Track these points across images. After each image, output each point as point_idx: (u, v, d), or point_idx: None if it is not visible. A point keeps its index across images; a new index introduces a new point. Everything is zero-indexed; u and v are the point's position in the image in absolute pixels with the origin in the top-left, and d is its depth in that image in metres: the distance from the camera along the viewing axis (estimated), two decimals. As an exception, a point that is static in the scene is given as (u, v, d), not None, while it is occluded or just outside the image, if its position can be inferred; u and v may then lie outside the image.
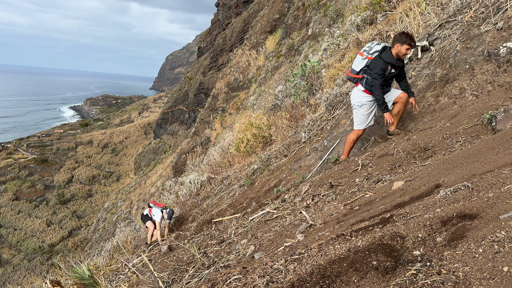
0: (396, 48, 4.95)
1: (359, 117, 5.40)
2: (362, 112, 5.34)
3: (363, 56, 5.17)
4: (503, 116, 3.84)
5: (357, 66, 5.29)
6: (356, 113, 5.42)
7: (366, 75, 5.21)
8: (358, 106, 5.35)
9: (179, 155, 34.63)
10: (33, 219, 56.41)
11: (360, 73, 5.28)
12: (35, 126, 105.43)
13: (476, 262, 1.69)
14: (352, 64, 5.49)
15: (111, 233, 30.94)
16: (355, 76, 5.34)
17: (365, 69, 5.21)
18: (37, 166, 70.61)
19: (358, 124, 5.43)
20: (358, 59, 5.27)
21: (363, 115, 5.36)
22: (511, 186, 2.22)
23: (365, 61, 5.17)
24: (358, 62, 5.27)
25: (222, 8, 55.86)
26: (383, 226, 2.47)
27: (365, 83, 5.24)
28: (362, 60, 5.20)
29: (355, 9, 10.31)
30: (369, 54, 5.11)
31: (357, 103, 5.35)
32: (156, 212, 8.98)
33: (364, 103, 5.30)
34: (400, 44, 4.92)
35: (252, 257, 3.64)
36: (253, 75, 28.56)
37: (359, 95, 5.34)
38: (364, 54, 5.16)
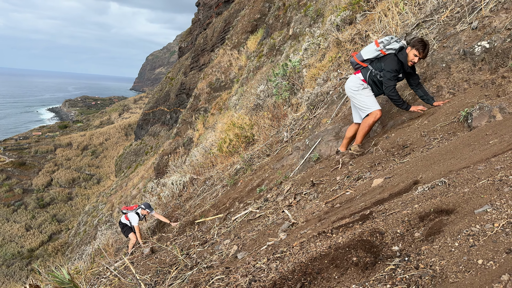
0: (407, 50, 4.65)
1: (363, 101, 4.88)
2: (364, 94, 4.87)
3: (378, 47, 4.75)
4: (478, 113, 3.94)
5: (366, 53, 4.87)
6: (358, 99, 4.91)
7: (372, 68, 4.85)
8: (358, 90, 4.90)
9: (161, 156, 34.33)
10: (12, 224, 55.06)
11: (366, 62, 4.90)
12: (14, 129, 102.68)
13: (452, 255, 1.73)
14: (362, 49, 5.06)
15: (92, 237, 30.45)
16: (359, 63, 4.94)
17: (373, 61, 4.86)
18: (14, 169, 68.93)
19: (365, 109, 4.88)
20: (371, 48, 4.83)
21: (366, 97, 4.87)
22: (485, 181, 2.28)
23: (377, 53, 4.78)
24: (369, 50, 4.84)
25: (202, 8, 55.62)
26: (363, 223, 2.50)
27: (368, 75, 4.87)
28: (375, 50, 4.78)
29: (335, 9, 10.41)
30: (385, 49, 4.71)
31: (356, 88, 4.92)
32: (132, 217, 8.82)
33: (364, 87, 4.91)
34: (410, 48, 4.60)
35: (235, 257, 3.64)
36: (235, 75, 28.54)
37: (355, 81, 4.95)
38: (380, 45, 4.73)
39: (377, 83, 4.87)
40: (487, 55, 4.67)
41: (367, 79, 4.88)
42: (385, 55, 4.75)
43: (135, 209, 8.90)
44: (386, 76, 4.65)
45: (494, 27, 4.84)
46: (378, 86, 4.89)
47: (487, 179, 2.29)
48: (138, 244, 8.33)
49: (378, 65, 4.80)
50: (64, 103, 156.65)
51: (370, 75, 4.85)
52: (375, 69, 4.82)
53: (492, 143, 3.18)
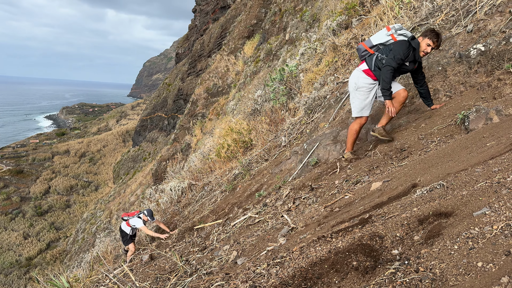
0: (418, 40, 4.44)
1: (355, 103, 4.74)
2: (358, 96, 4.69)
3: (388, 32, 4.50)
4: (475, 116, 3.96)
5: (376, 39, 4.61)
6: (352, 97, 4.78)
7: (379, 53, 4.57)
8: (354, 89, 4.71)
9: (159, 162, 34.28)
10: (9, 232, 54.75)
11: (374, 48, 4.64)
12: (12, 138, 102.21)
13: (452, 258, 1.73)
14: (372, 36, 4.83)
15: (91, 244, 30.30)
16: (367, 49, 4.67)
17: (382, 47, 4.59)
18: (12, 177, 68.66)
19: (354, 111, 4.77)
20: (381, 33, 4.59)
21: (359, 100, 4.70)
22: (483, 183, 2.29)
23: (387, 38, 4.52)
24: (380, 36, 4.59)
25: (199, 14, 55.82)
26: (362, 227, 2.51)
27: (374, 61, 4.59)
28: (385, 35, 4.53)
29: (331, 14, 10.47)
30: (396, 34, 4.46)
31: (354, 85, 4.72)
32: (135, 221, 8.74)
33: (361, 85, 4.67)
34: (422, 37, 4.42)
35: (234, 263, 3.63)
36: (232, 80, 28.59)
37: (356, 77, 4.72)
38: (391, 30, 4.49)
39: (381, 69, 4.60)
40: (482, 58, 4.70)
41: (372, 66, 4.59)
42: (395, 41, 4.48)
43: (136, 215, 8.82)
44: (390, 56, 4.39)
45: (489, 30, 4.88)
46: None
47: (485, 182, 2.29)
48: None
49: (385, 50, 4.54)
50: (61, 110, 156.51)
51: (376, 60, 4.58)
52: (382, 53, 4.55)
53: (489, 146, 3.19)
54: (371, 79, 4.63)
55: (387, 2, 7.56)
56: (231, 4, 43.71)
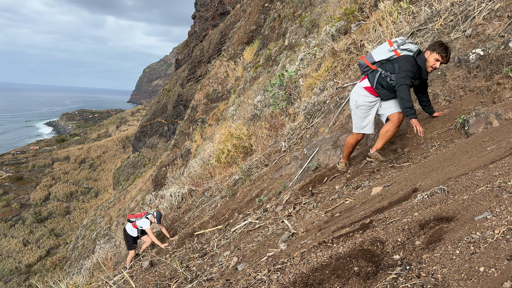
0: (425, 55, 4.18)
1: (355, 119, 4.64)
2: (359, 114, 4.56)
3: (391, 47, 4.25)
4: (475, 120, 3.96)
5: (378, 55, 4.36)
6: (353, 114, 4.65)
7: (382, 70, 4.34)
8: (355, 106, 4.57)
9: (159, 168, 34.26)
10: (9, 239, 54.57)
11: (376, 64, 4.41)
12: (13, 145, 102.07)
13: (453, 263, 1.72)
14: (372, 50, 4.67)
15: (91, 251, 30.20)
16: (369, 65, 4.44)
17: (384, 63, 4.36)
18: (12, 184, 68.57)
19: (354, 127, 4.68)
20: (383, 48, 4.33)
21: (360, 118, 4.58)
22: (484, 188, 2.28)
23: (390, 54, 4.27)
24: (381, 51, 4.34)
25: (199, 20, 56.05)
26: (363, 232, 2.50)
27: (376, 78, 4.38)
28: (387, 51, 4.28)
29: (330, 20, 10.51)
30: (399, 49, 4.22)
31: (354, 103, 4.57)
32: (142, 222, 8.63)
33: (361, 104, 4.49)
34: (430, 52, 4.15)
35: (235, 269, 3.61)
36: (232, 86, 28.65)
37: (357, 94, 4.54)
38: (394, 45, 4.24)
39: (385, 87, 4.39)
40: (481, 62, 4.71)
41: (374, 84, 4.39)
42: (399, 57, 4.24)
43: (144, 216, 8.71)
44: (401, 74, 4.11)
45: (487, 35, 4.90)
46: (387, 89, 4.40)
47: (486, 186, 2.29)
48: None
49: (389, 67, 4.31)
50: (61, 117, 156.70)
51: (379, 77, 4.36)
52: (385, 70, 4.33)
53: (489, 150, 3.19)
54: (372, 96, 4.45)
55: (386, 8, 7.59)
56: (231, 10, 43.92)
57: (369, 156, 4.70)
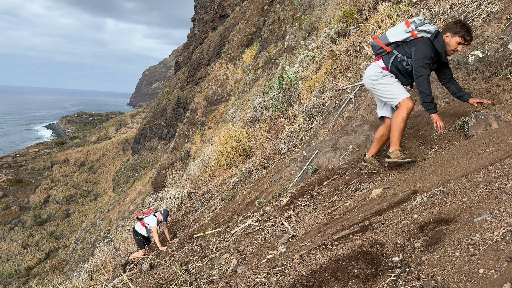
0: (445, 38, 3.80)
1: (388, 90, 3.99)
2: (387, 82, 4.00)
3: (408, 28, 3.87)
4: (474, 122, 3.96)
5: (393, 35, 3.99)
6: (381, 89, 4.04)
7: (398, 53, 3.99)
8: (379, 78, 4.04)
9: (159, 170, 34.24)
10: (8, 242, 54.45)
11: (391, 46, 4.03)
12: (13, 148, 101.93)
13: (453, 265, 1.72)
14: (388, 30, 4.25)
15: (90, 253, 30.15)
16: (383, 46, 4.06)
17: (401, 44, 3.99)
18: (11, 187, 68.48)
19: (395, 97, 3.95)
20: (399, 28, 3.95)
21: (390, 85, 3.98)
22: (484, 189, 2.28)
23: (406, 35, 3.90)
24: (397, 31, 3.96)
25: (198, 23, 56.16)
26: (362, 234, 2.49)
27: (391, 61, 4.02)
28: (404, 31, 3.90)
29: (329, 22, 10.53)
30: (416, 30, 3.84)
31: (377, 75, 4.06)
32: (150, 219, 8.54)
33: (386, 73, 4.05)
34: (451, 35, 3.78)
35: (234, 271, 3.60)
36: (232, 88, 28.68)
37: (375, 69, 4.11)
38: (411, 25, 3.85)
39: (402, 71, 4.02)
40: (481, 64, 4.72)
41: (389, 67, 4.04)
42: (416, 38, 3.88)
43: (152, 213, 8.63)
44: (419, 63, 3.77)
45: (486, 37, 4.91)
46: (404, 75, 4.03)
47: (485, 188, 2.29)
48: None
49: (405, 50, 3.95)
50: (61, 120, 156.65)
51: (394, 61, 4.00)
52: (402, 54, 3.97)
53: (489, 151, 3.19)
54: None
55: (385, 10, 7.61)
56: (230, 13, 44.00)
57: (364, 161, 4.48)
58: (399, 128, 3.92)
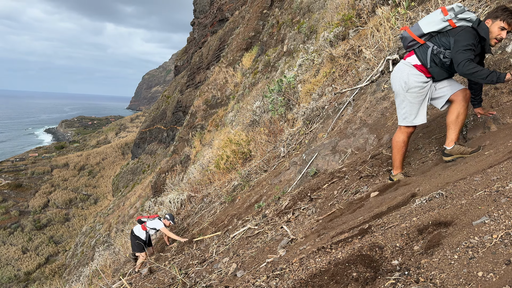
0: (486, 23, 3.34)
1: (404, 107, 3.65)
2: (410, 99, 3.58)
3: (445, 16, 3.38)
4: (473, 125, 3.97)
5: (428, 25, 3.49)
6: (401, 101, 3.67)
7: (433, 44, 3.49)
8: (403, 90, 3.61)
9: (158, 174, 34.23)
10: (8, 246, 54.33)
11: (424, 37, 3.54)
12: (12, 152, 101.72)
13: (452, 268, 1.72)
14: (419, 20, 3.76)
15: (90, 258, 30.07)
16: (415, 38, 3.58)
17: (435, 35, 3.50)
18: (11, 191, 68.40)
19: (403, 118, 3.66)
20: (435, 17, 3.46)
21: (411, 104, 3.59)
22: (482, 192, 2.28)
23: (443, 25, 3.40)
24: (433, 20, 3.47)
25: (197, 27, 56.30)
26: (362, 237, 2.49)
27: (429, 55, 3.52)
28: (440, 20, 3.41)
29: (328, 26, 10.56)
30: (456, 19, 3.35)
31: (403, 85, 3.61)
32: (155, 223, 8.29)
33: (413, 85, 3.56)
34: (491, 20, 3.32)
35: (234, 275, 3.60)
36: (231, 92, 28.72)
37: (406, 74, 3.60)
38: (449, 13, 3.36)
39: (438, 65, 3.53)
40: (479, 67, 4.72)
41: (428, 62, 3.53)
42: (454, 28, 3.38)
43: (157, 218, 8.41)
44: (459, 49, 3.27)
45: (484, 40, 4.92)
46: (441, 67, 3.54)
47: (484, 190, 2.29)
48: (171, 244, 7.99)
49: (442, 41, 3.46)
50: (60, 124, 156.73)
51: (432, 54, 3.51)
52: (438, 45, 3.48)
53: (487, 154, 3.20)
54: (424, 76, 3.57)
55: (384, 13, 7.64)
56: (229, 17, 44.14)
57: (448, 154, 3.63)
58: (400, 150, 3.75)
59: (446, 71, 3.57)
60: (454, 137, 3.56)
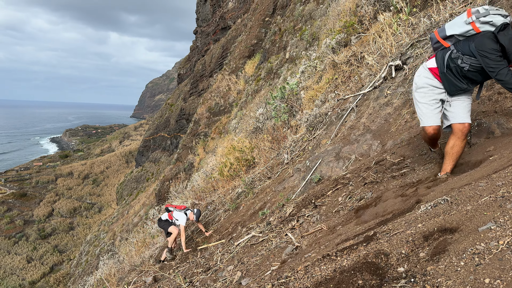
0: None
1: (417, 108, 3.61)
2: (418, 98, 3.54)
3: (468, 19, 3.20)
4: (477, 129, 3.96)
5: (451, 27, 3.34)
6: (414, 102, 3.65)
7: (455, 49, 3.32)
8: (414, 90, 3.61)
9: (162, 182, 34.24)
10: (13, 256, 54.38)
11: (449, 39, 3.38)
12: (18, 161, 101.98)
13: (458, 275, 1.70)
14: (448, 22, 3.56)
15: (94, 267, 30.04)
16: (439, 40, 3.45)
17: (461, 39, 3.31)
18: (15, 201, 68.61)
19: (420, 118, 3.60)
20: (459, 19, 3.29)
21: (420, 104, 3.53)
22: (488, 198, 2.27)
23: (466, 28, 3.22)
24: (456, 22, 3.32)
25: (200, 35, 56.63)
26: (367, 244, 2.48)
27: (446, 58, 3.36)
28: (464, 23, 3.24)
29: (330, 32, 10.60)
30: (478, 22, 3.14)
31: (413, 86, 3.62)
32: (180, 216, 8.11)
33: (420, 85, 3.52)
34: None
35: (239, 284, 3.58)
36: (234, 99, 28.79)
37: (418, 75, 3.59)
38: (473, 16, 3.17)
39: (456, 72, 3.33)
40: (482, 72, 4.72)
41: (444, 66, 3.38)
42: (477, 33, 3.18)
43: (184, 210, 8.24)
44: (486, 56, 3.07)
45: (487, 45, 4.91)
46: (459, 76, 3.34)
47: (489, 196, 2.28)
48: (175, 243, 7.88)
49: (464, 46, 3.26)
50: (64, 133, 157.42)
51: (449, 58, 3.34)
52: (458, 50, 3.29)
53: (492, 159, 3.18)
54: (437, 81, 3.46)
55: (385, 20, 7.66)
56: (232, 25, 44.38)
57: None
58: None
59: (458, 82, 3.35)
60: (449, 169, 3.50)
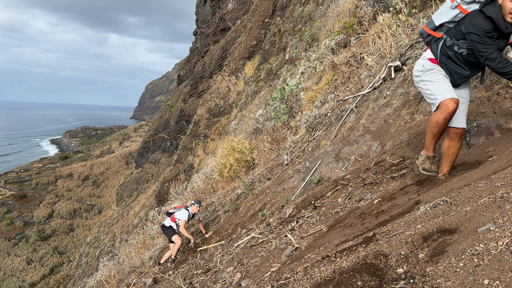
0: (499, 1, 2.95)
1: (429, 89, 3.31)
2: (430, 78, 3.32)
3: (452, 3, 3.14)
4: (476, 130, 3.96)
5: (439, 16, 3.29)
6: (423, 86, 3.39)
7: (447, 36, 3.25)
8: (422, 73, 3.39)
9: (162, 183, 34.23)
10: (12, 257, 54.30)
11: (439, 29, 3.32)
12: (17, 163, 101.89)
13: (457, 276, 1.70)
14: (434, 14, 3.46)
15: (94, 268, 30.00)
16: (431, 33, 3.39)
17: (450, 26, 3.26)
18: (15, 202, 68.54)
19: (431, 98, 3.30)
20: (446, 6, 3.23)
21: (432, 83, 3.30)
22: (487, 199, 2.27)
23: (454, 12, 3.16)
24: (443, 10, 3.26)
25: (200, 37, 56.66)
26: (366, 245, 2.48)
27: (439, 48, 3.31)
28: (449, 8, 3.19)
29: (329, 33, 10.60)
30: (465, 4, 3.08)
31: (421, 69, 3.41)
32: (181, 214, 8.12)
33: (429, 67, 3.34)
34: None
35: (239, 285, 3.58)
36: (234, 100, 28.80)
37: (422, 63, 3.44)
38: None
39: (455, 59, 3.24)
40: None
41: (438, 55, 3.32)
42: (466, 15, 3.11)
43: (184, 207, 8.28)
44: (474, 40, 2.99)
45: (486, 45, 4.92)
46: (460, 63, 3.24)
47: (488, 197, 2.28)
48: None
49: (457, 31, 3.18)
50: (64, 134, 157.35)
51: (443, 46, 3.27)
52: (452, 37, 3.21)
53: (491, 160, 3.18)
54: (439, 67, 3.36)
55: (385, 21, 7.67)
56: (231, 26, 44.41)
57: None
58: (431, 132, 3.34)
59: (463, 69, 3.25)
60: (446, 170, 3.43)
